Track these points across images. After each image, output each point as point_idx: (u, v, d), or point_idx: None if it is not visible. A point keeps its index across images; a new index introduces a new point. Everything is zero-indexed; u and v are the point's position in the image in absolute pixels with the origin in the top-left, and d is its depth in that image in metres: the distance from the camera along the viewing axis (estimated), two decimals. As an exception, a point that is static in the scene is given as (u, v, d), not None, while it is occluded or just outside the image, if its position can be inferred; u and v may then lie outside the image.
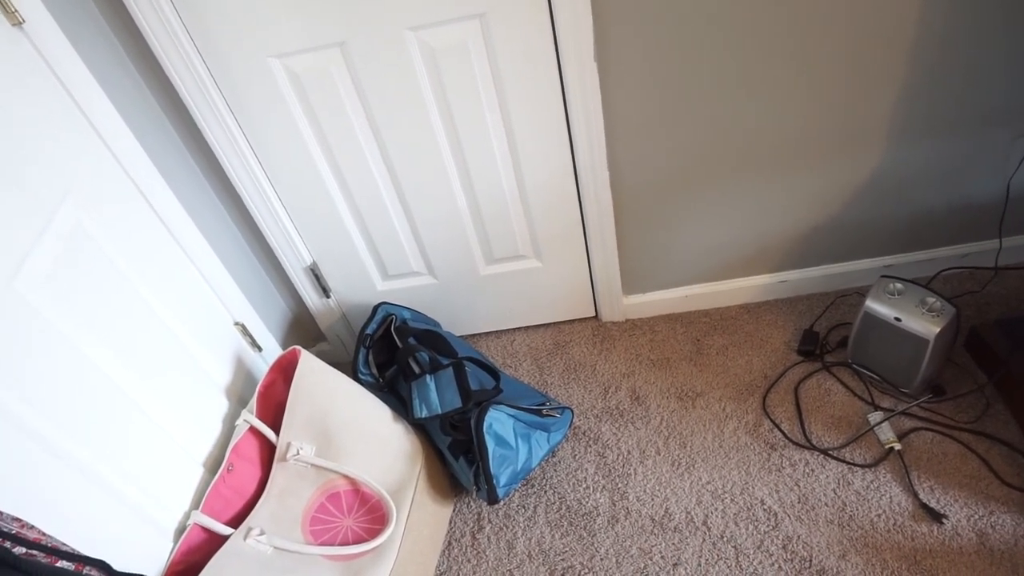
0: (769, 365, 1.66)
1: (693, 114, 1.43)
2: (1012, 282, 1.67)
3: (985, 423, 1.46)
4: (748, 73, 1.36)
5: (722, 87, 1.38)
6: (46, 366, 1.00)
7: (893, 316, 1.43)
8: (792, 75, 1.37)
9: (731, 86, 1.38)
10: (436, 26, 1.30)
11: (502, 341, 1.89)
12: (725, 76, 1.37)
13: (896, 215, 1.61)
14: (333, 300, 1.79)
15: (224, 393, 1.40)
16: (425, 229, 1.64)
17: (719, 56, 1.34)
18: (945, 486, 1.39)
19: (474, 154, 1.49)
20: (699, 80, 1.37)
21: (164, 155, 1.39)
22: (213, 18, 1.28)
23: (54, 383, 1.01)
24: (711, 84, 1.38)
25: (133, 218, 1.26)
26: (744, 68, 1.36)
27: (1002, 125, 1.44)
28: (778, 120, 1.44)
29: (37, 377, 0.98)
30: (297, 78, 1.36)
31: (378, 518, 1.34)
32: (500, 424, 1.41)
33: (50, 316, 1.03)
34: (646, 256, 1.71)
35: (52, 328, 1.03)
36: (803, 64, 1.35)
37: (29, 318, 0.99)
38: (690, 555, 1.39)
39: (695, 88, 1.39)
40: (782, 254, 1.70)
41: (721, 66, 1.35)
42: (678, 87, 1.38)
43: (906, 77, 1.36)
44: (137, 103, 1.34)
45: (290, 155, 1.48)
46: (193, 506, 1.24)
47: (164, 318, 1.28)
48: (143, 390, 1.18)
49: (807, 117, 1.43)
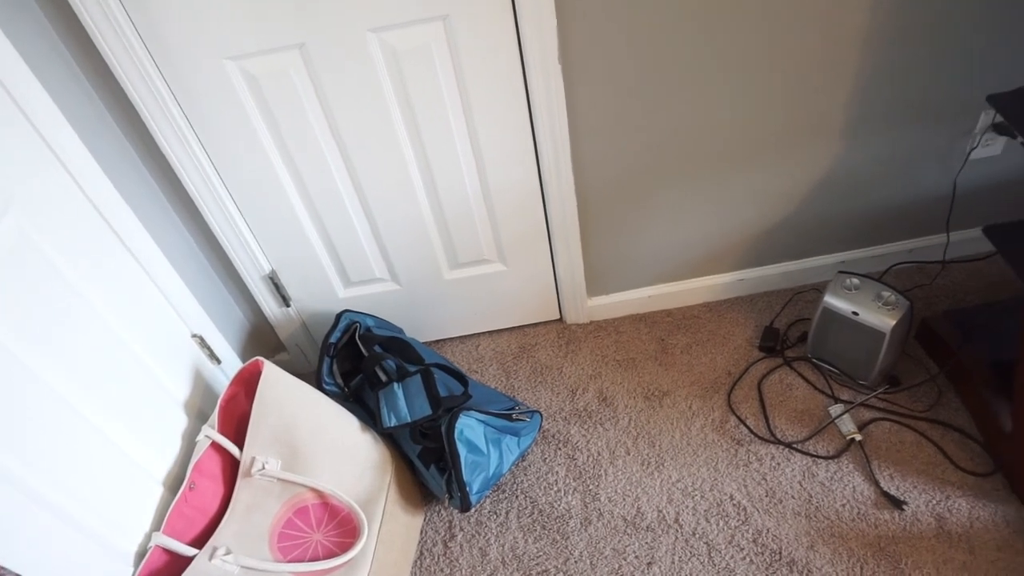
0: (732, 362, 1.69)
1: (655, 115, 1.44)
2: (959, 275, 1.74)
3: (939, 411, 1.52)
4: (709, 73, 1.39)
5: (683, 87, 1.40)
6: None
7: (851, 310, 1.47)
8: (750, 75, 1.40)
9: (692, 86, 1.40)
10: (398, 28, 1.28)
11: (467, 346, 1.87)
12: (686, 77, 1.39)
13: (850, 212, 1.66)
14: (293, 309, 1.74)
15: (183, 408, 1.35)
16: (388, 234, 1.61)
17: (680, 58, 1.36)
18: (904, 473, 1.43)
19: (438, 157, 1.47)
20: (661, 82, 1.39)
21: (115, 162, 1.33)
22: (165, 19, 1.23)
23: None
24: (673, 85, 1.40)
25: (83, 228, 1.20)
26: (704, 68, 1.38)
27: (949, 122, 1.50)
28: (737, 119, 1.46)
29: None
30: (255, 81, 1.33)
31: (348, 531, 1.30)
32: (471, 430, 1.40)
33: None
34: (610, 257, 1.72)
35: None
36: (760, 65, 1.38)
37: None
38: (663, 553, 1.40)
39: (657, 90, 1.40)
40: (742, 253, 1.74)
41: (682, 67, 1.37)
42: (640, 89, 1.40)
43: (858, 74, 1.40)
44: (85, 107, 1.28)
45: (248, 160, 1.44)
46: (154, 528, 1.19)
47: (118, 332, 1.22)
48: (97, 408, 1.13)
49: (765, 116, 1.46)
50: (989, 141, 1.51)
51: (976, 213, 1.67)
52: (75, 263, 1.16)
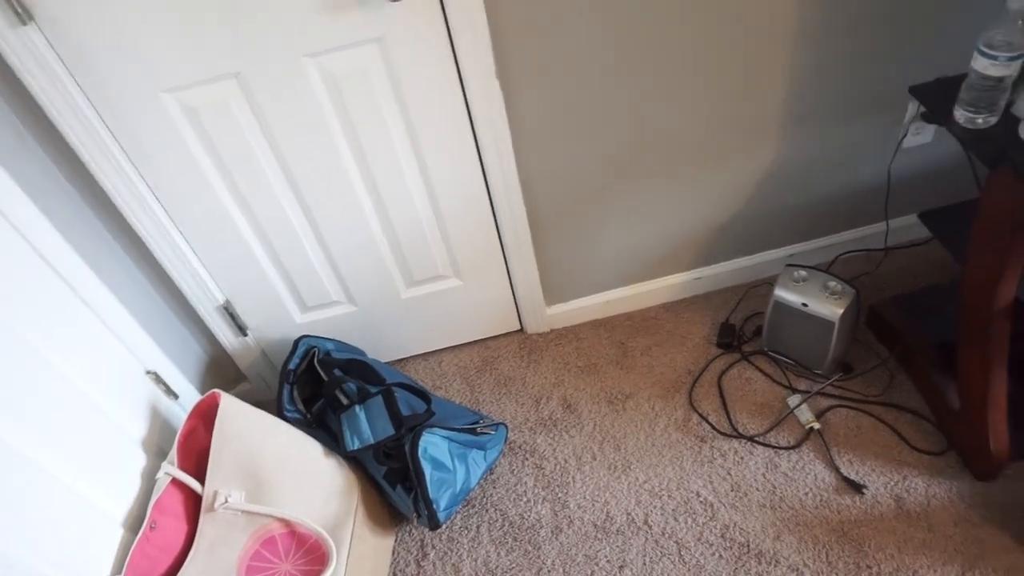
0: (692, 360, 1.72)
1: (597, 125, 1.47)
2: (902, 261, 1.79)
3: (892, 394, 1.56)
4: (644, 79, 1.41)
5: (622, 97, 1.43)
6: (-66, 440, 0.92)
7: (800, 302, 1.50)
8: (686, 80, 1.43)
9: (630, 95, 1.43)
10: (334, 51, 1.28)
11: (430, 363, 1.87)
12: (623, 86, 1.41)
13: (795, 205, 1.70)
14: (251, 338, 1.72)
15: (141, 446, 1.33)
16: (341, 257, 1.61)
17: (616, 68, 1.38)
18: (862, 458, 1.47)
19: (385, 179, 1.48)
20: (599, 93, 1.41)
21: (55, 203, 1.31)
22: (96, 53, 1.22)
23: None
24: (611, 95, 1.42)
25: (24, 275, 1.18)
26: (640, 75, 1.41)
27: (881, 113, 1.55)
28: (677, 122, 1.49)
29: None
30: (194, 112, 1.32)
31: (317, 558, 1.29)
32: (435, 447, 1.40)
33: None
34: (565, 265, 1.74)
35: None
36: (695, 69, 1.41)
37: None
38: (635, 556, 1.41)
39: (596, 101, 1.43)
40: (694, 252, 1.77)
41: (618, 77, 1.40)
42: (579, 102, 1.42)
43: (791, 72, 1.44)
44: (18, 149, 1.26)
45: (193, 192, 1.43)
46: (115, 571, 1.16)
47: (67, 374, 1.20)
48: (49, 453, 1.10)
49: (704, 119, 1.49)
50: (919, 130, 1.56)
51: (913, 200, 1.73)
52: (19, 312, 1.14)
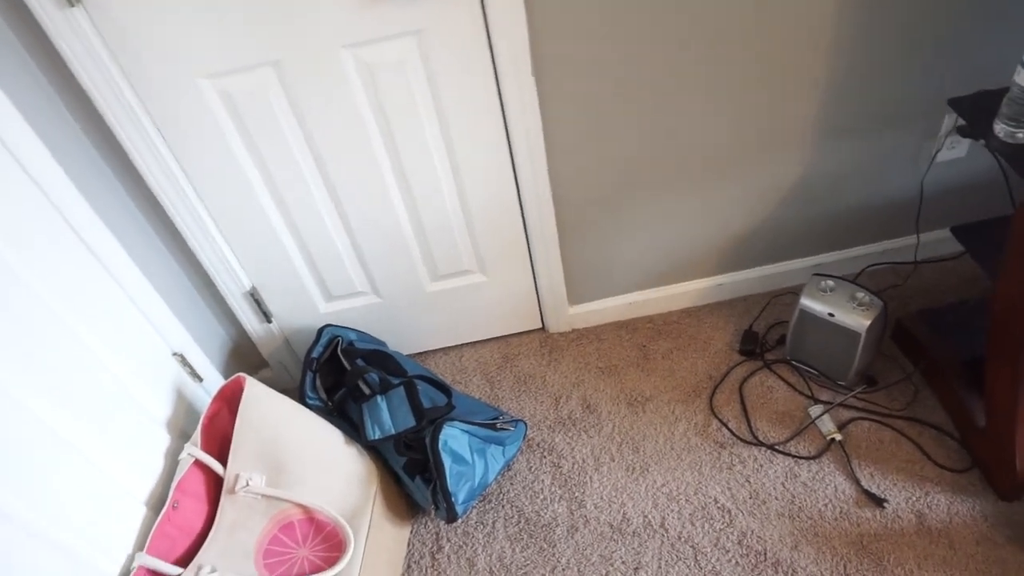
0: (713, 366, 1.71)
1: (630, 126, 1.46)
2: (930, 275, 1.77)
3: (915, 409, 1.54)
4: (681, 84, 1.41)
5: (656, 98, 1.43)
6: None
7: (827, 312, 1.49)
8: (721, 84, 1.42)
9: (665, 97, 1.43)
10: (372, 43, 1.29)
11: (450, 357, 1.87)
12: (659, 88, 1.41)
13: (823, 216, 1.69)
14: (275, 325, 1.74)
15: (165, 427, 1.34)
16: (368, 248, 1.62)
17: (653, 70, 1.38)
18: (884, 472, 1.45)
19: (415, 171, 1.48)
20: (635, 94, 1.41)
21: (92, 183, 1.33)
22: (138, 38, 1.24)
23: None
24: (647, 97, 1.42)
25: (59, 251, 1.19)
26: (676, 79, 1.40)
27: (915, 125, 1.53)
28: (711, 128, 1.49)
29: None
30: (230, 98, 1.33)
31: (335, 546, 1.30)
32: (455, 440, 1.40)
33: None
34: (590, 266, 1.74)
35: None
36: (731, 74, 1.41)
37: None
38: (650, 558, 1.41)
39: (631, 102, 1.42)
40: (719, 258, 1.76)
41: (654, 78, 1.40)
42: (613, 100, 1.42)
43: (826, 81, 1.44)
44: (61, 130, 1.28)
45: (225, 178, 1.44)
46: (137, 548, 1.18)
47: (97, 352, 1.22)
48: (77, 429, 1.12)
49: (737, 125, 1.49)
50: (954, 144, 1.55)
51: (945, 214, 1.71)
52: (54, 286, 1.15)
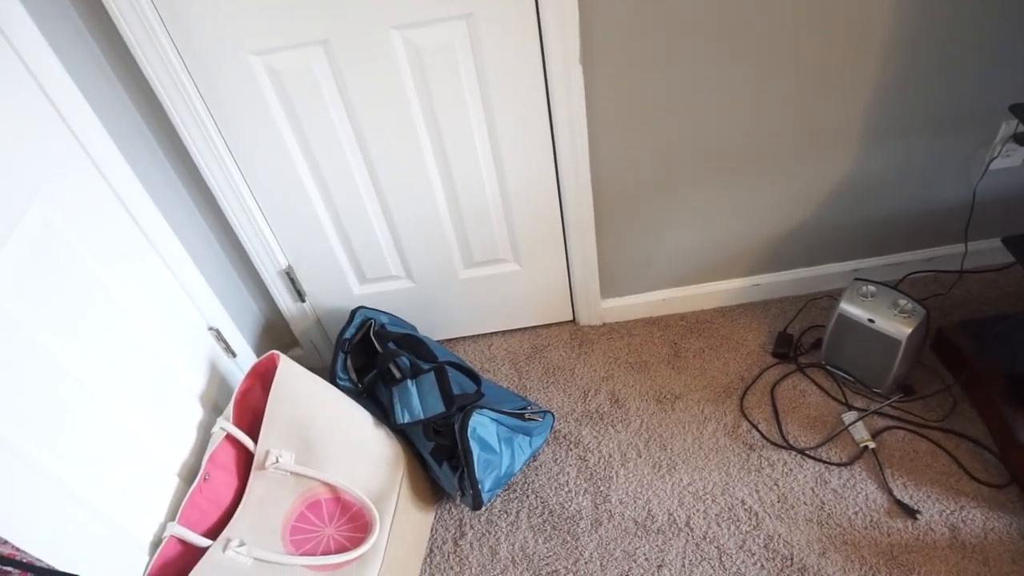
0: (745, 367, 1.69)
1: (673, 118, 1.44)
2: (975, 285, 1.73)
3: (953, 421, 1.51)
4: (727, 78, 1.39)
5: (701, 91, 1.41)
6: (15, 371, 0.95)
7: (867, 318, 1.46)
8: (770, 79, 1.40)
9: (710, 90, 1.40)
10: (422, 26, 1.28)
11: (480, 345, 1.87)
12: (704, 81, 1.39)
13: (865, 219, 1.65)
14: (308, 305, 1.75)
15: (199, 400, 1.36)
16: (405, 231, 1.61)
17: (699, 61, 1.36)
18: (918, 482, 1.43)
19: (457, 156, 1.48)
20: (680, 85, 1.39)
21: (140, 156, 1.34)
22: (192, 12, 1.24)
23: (22, 389, 0.95)
24: (691, 89, 1.40)
25: (105, 220, 1.21)
26: (723, 73, 1.38)
27: (968, 131, 1.49)
28: (756, 123, 1.46)
29: (5, 382, 0.93)
30: (278, 76, 1.33)
31: (360, 526, 1.31)
32: (484, 428, 1.40)
33: (19, 319, 0.97)
34: (623, 259, 1.72)
35: (22, 332, 0.97)
36: (780, 69, 1.38)
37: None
38: (674, 556, 1.39)
39: (676, 93, 1.40)
40: (755, 258, 1.73)
41: (701, 71, 1.37)
42: (659, 92, 1.40)
43: (878, 80, 1.40)
44: (113, 103, 1.29)
45: (268, 155, 1.45)
46: (169, 517, 1.19)
47: (137, 323, 1.23)
48: (116, 398, 1.14)
49: (784, 120, 1.46)
50: (1010, 151, 1.51)
51: (994, 223, 1.67)
52: (99, 255, 1.17)
